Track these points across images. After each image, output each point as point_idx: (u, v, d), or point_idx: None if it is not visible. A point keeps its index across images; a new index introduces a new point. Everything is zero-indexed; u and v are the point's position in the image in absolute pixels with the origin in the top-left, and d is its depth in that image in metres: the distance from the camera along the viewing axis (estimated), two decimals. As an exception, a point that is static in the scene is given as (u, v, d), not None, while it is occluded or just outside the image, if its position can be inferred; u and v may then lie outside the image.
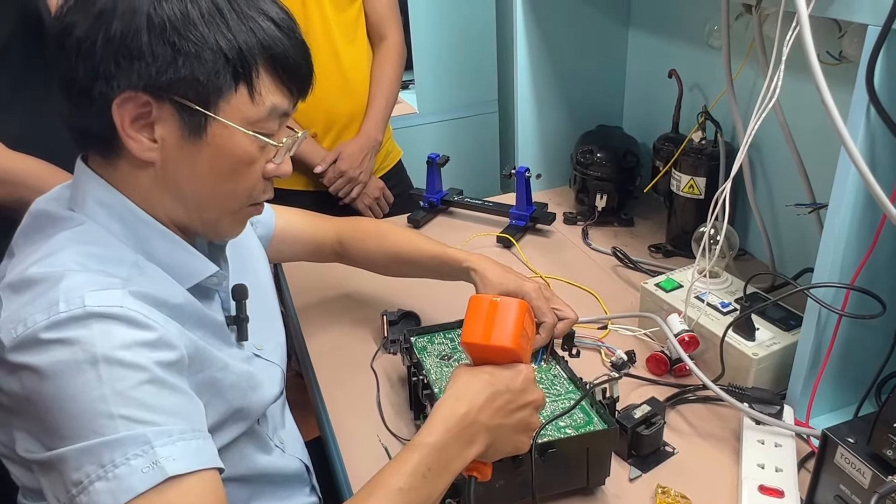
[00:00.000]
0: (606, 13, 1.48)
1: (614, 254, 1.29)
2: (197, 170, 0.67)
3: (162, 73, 0.61)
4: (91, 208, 0.67)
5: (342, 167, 1.52)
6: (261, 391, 0.79)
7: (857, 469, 0.67)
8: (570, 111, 1.54)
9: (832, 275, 0.80)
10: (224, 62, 0.63)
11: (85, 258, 0.63)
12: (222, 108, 0.64)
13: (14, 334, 0.58)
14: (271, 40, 0.65)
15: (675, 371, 0.99)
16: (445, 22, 2.14)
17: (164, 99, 0.63)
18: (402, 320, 1.10)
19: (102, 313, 0.58)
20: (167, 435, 0.57)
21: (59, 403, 0.56)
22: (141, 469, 0.55)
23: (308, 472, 0.93)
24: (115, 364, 0.57)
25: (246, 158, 0.67)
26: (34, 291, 0.60)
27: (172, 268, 0.70)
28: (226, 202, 0.70)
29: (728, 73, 1.01)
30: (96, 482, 0.55)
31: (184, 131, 0.64)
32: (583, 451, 0.78)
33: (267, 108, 0.66)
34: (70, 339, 0.57)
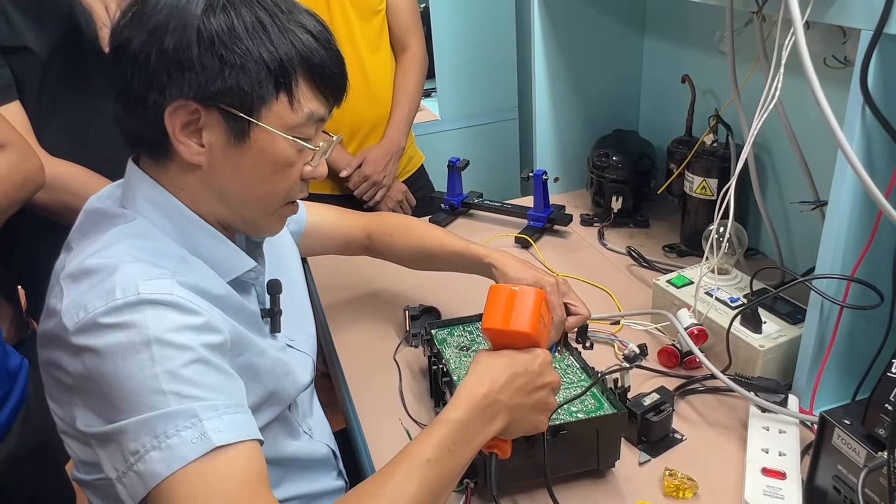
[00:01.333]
0: (622, 21, 1.53)
1: (629, 253, 1.33)
2: (240, 172, 0.72)
3: (210, 84, 0.67)
4: (142, 206, 0.73)
5: (367, 171, 1.58)
6: (293, 378, 0.84)
7: (853, 449, 0.70)
8: (587, 116, 1.59)
9: (833, 268, 0.83)
10: (266, 73, 0.68)
11: (137, 251, 0.69)
12: (264, 115, 0.69)
13: (76, 319, 0.63)
14: (309, 52, 0.70)
15: (685, 364, 1.03)
16: (466, 32, 2.20)
17: (211, 107, 0.68)
18: (423, 315, 1.16)
19: (155, 300, 0.64)
20: (213, 409, 0.62)
21: (118, 381, 0.62)
22: (191, 440, 0.60)
23: (335, 458, 0.98)
24: (165, 345, 0.62)
25: (285, 161, 0.73)
26: (92, 280, 0.66)
27: (214, 262, 0.75)
28: (265, 202, 0.76)
29: (733, 77, 1.05)
30: (151, 451, 0.60)
31: (229, 136, 0.70)
32: (593, 434, 0.82)
33: (305, 115, 0.71)
34: (126, 323, 0.62)
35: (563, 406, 0.84)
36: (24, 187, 0.96)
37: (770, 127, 0.97)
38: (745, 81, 1.08)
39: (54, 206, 1.09)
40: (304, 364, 0.89)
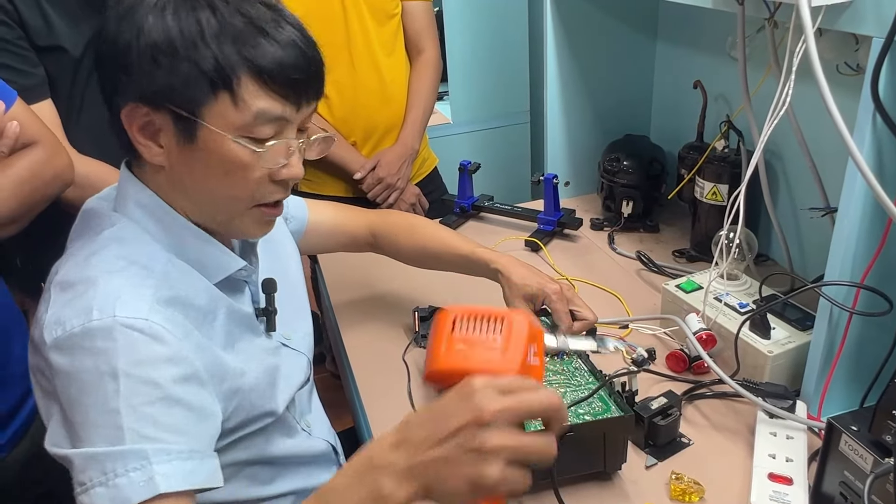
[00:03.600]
0: (635, 27, 1.53)
1: (639, 258, 1.34)
2: (196, 173, 0.72)
3: (149, 86, 0.67)
4: (131, 209, 0.74)
5: (380, 174, 1.59)
6: (285, 381, 0.84)
7: (860, 455, 0.71)
8: (599, 121, 1.59)
9: (843, 274, 0.83)
10: (198, 72, 0.66)
11: (122, 259, 0.70)
12: (207, 115, 0.68)
13: (54, 335, 0.64)
14: (251, 47, 0.67)
15: (693, 368, 1.03)
16: (479, 37, 2.21)
17: (160, 108, 0.68)
18: (432, 316, 1.16)
19: (129, 325, 0.64)
20: (166, 453, 0.63)
21: (80, 407, 0.63)
22: (138, 482, 0.61)
23: (336, 453, 0.98)
24: (132, 379, 0.63)
25: (237, 162, 0.70)
26: (74, 292, 0.67)
27: (202, 264, 0.76)
28: (229, 204, 0.74)
29: (744, 83, 1.06)
30: (98, 486, 0.61)
31: (179, 137, 0.69)
32: (600, 436, 0.83)
33: (252, 114, 0.68)
34: (97, 349, 0.63)
35: (570, 408, 0.84)
36: (54, 184, 0.98)
37: (781, 133, 0.97)
38: (756, 88, 1.08)
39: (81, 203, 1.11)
40: (299, 364, 0.90)
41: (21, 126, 0.91)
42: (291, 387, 0.86)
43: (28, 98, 1.09)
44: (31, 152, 0.94)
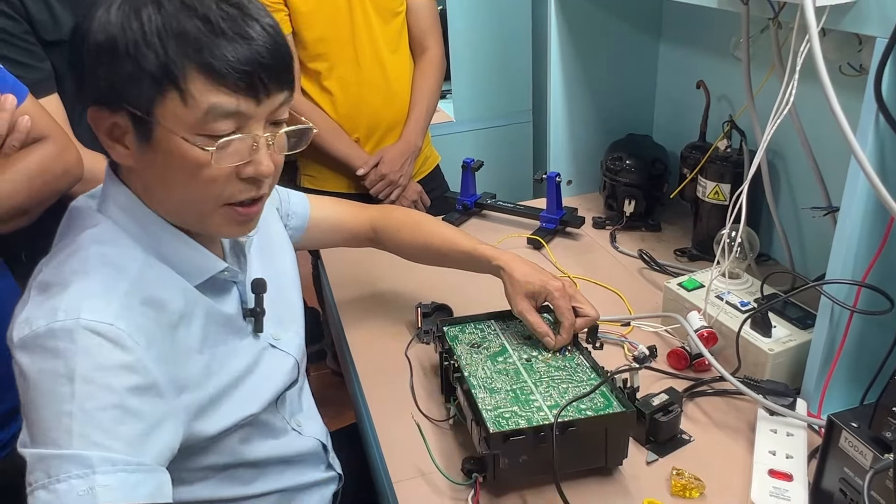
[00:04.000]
0: (638, 27, 1.54)
1: (640, 256, 1.34)
2: (159, 175, 0.71)
3: (98, 87, 0.67)
4: (112, 210, 0.74)
5: (383, 170, 1.60)
6: (268, 383, 0.84)
7: (860, 452, 0.71)
8: (601, 120, 1.60)
9: (844, 273, 0.84)
10: (138, 70, 0.64)
11: (97, 259, 0.69)
12: (159, 114, 0.66)
13: (21, 333, 0.64)
14: (196, 42, 0.64)
15: (694, 366, 1.03)
16: (483, 35, 2.22)
17: (117, 109, 0.67)
18: (435, 312, 1.17)
19: (92, 328, 0.63)
20: (111, 463, 0.61)
21: (35, 407, 0.63)
22: (78, 490, 0.60)
23: (325, 451, 0.98)
24: (89, 383, 0.62)
25: (194, 162, 0.68)
26: (51, 291, 0.67)
27: (181, 266, 0.75)
28: (196, 205, 0.72)
29: (748, 83, 1.06)
30: (39, 490, 0.60)
31: (138, 138, 0.68)
32: (601, 431, 0.83)
33: (203, 111, 0.66)
34: (57, 351, 0.62)
35: (572, 403, 0.85)
36: (64, 178, 0.99)
37: (783, 133, 0.98)
38: (759, 87, 1.09)
39: None
40: (285, 365, 0.88)
41: (32, 121, 0.92)
42: (276, 388, 0.85)
43: (35, 92, 1.09)
44: (41, 147, 0.95)
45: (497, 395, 0.89)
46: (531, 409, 0.86)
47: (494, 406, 0.87)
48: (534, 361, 0.95)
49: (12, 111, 0.89)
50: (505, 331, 1.03)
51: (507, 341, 1.00)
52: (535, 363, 0.95)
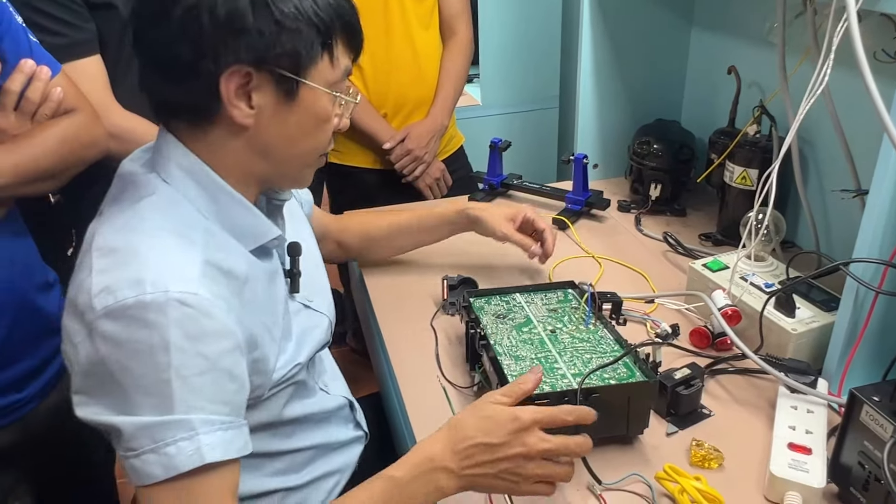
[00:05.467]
0: (671, 11, 1.54)
1: (665, 239, 1.35)
2: (286, 130, 0.75)
3: (269, 49, 0.69)
4: (174, 173, 0.74)
5: (409, 146, 1.62)
6: (309, 341, 0.87)
7: (881, 425, 0.72)
8: (630, 105, 1.61)
9: (871, 254, 0.85)
10: (316, 33, 0.71)
11: (163, 229, 0.71)
12: (311, 74, 0.73)
13: (105, 303, 0.65)
14: (342, 9, 0.74)
15: (717, 345, 1.04)
16: (512, 20, 2.22)
17: (263, 70, 0.70)
18: (461, 285, 1.19)
19: (181, 300, 0.66)
20: (210, 424, 0.67)
21: (131, 375, 0.65)
22: (187, 452, 0.65)
23: (352, 409, 1.02)
24: (183, 353, 0.65)
25: (326, 116, 0.77)
26: (120, 257, 0.68)
27: (240, 231, 0.77)
28: (306, 156, 0.80)
29: (782, 66, 1.07)
30: (149, 454, 0.65)
31: (279, 97, 0.72)
32: (624, 399, 0.85)
33: (342, 70, 0.76)
34: (152, 322, 0.65)
35: (595, 372, 0.87)
36: (91, 148, 1.02)
37: (813, 120, 0.98)
38: (793, 71, 1.09)
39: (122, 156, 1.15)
40: (321, 324, 0.92)
41: (64, 93, 0.95)
42: (312, 347, 0.89)
43: (79, 53, 1.13)
44: (71, 117, 0.98)
45: (522, 362, 0.91)
46: (556, 376, 0.88)
47: (519, 372, 0.89)
48: (558, 333, 0.97)
49: (46, 81, 0.93)
50: (530, 303, 1.05)
51: (531, 313, 1.02)
52: (559, 334, 0.97)
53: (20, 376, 0.96)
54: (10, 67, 0.90)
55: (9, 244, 0.93)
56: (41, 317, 0.99)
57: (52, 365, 1.02)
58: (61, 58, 1.02)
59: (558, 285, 1.09)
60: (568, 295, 1.06)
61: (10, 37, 0.91)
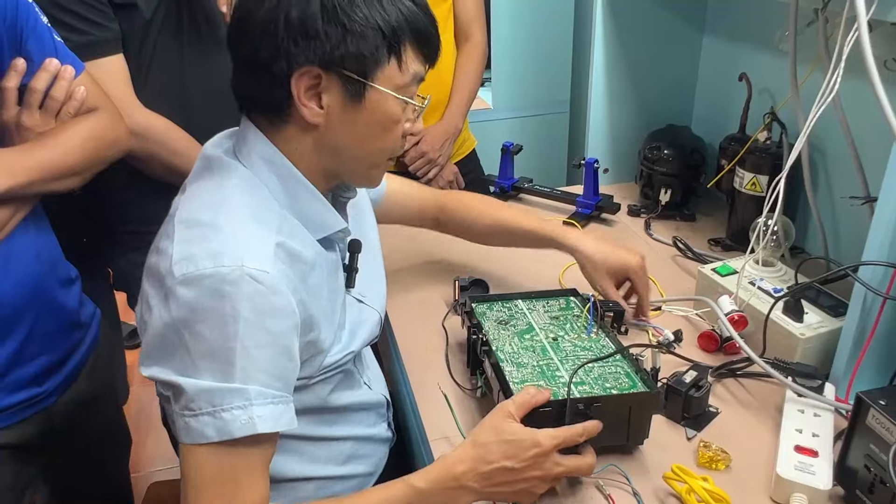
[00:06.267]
0: (683, 18, 1.55)
1: (674, 243, 1.37)
2: (354, 130, 0.78)
3: (334, 50, 0.72)
4: (255, 161, 0.79)
5: (424, 148, 1.64)
6: (360, 334, 0.90)
7: (887, 429, 0.73)
8: (641, 110, 1.62)
9: (880, 258, 0.86)
10: (382, 38, 0.73)
11: (244, 209, 0.76)
12: (378, 78, 0.75)
13: (185, 270, 0.70)
14: (413, 16, 0.75)
15: (725, 349, 1.05)
16: (525, 25, 2.24)
17: (331, 71, 0.74)
18: (472, 286, 1.21)
19: (254, 276, 0.70)
20: (264, 396, 0.71)
21: (201, 338, 0.70)
22: (241, 419, 0.70)
23: (388, 408, 1.04)
24: (251, 325, 0.70)
25: (394, 119, 0.79)
26: (203, 232, 0.73)
27: (310, 220, 0.81)
28: (374, 157, 0.82)
29: (793, 73, 1.08)
30: (205, 416, 0.70)
31: (346, 98, 0.75)
32: (625, 410, 0.85)
33: (411, 75, 0.77)
34: (226, 294, 0.69)
35: (588, 371, 0.89)
36: (114, 147, 1.04)
37: (823, 127, 0.99)
38: (805, 78, 1.10)
39: (141, 154, 1.17)
40: (371, 320, 0.95)
41: (87, 93, 0.98)
42: (364, 339, 0.92)
43: (102, 51, 1.15)
44: (94, 116, 1.00)
45: (524, 369, 0.92)
46: (557, 384, 0.88)
47: (521, 379, 0.89)
48: (560, 341, 0.98)
49: (70, 80, 0.95)
50: (532, 310, 1.05)
51: (533, 320, 1.03)
52: (561, 342, 0.97)
53: (40, 371, 0.98)
54: (35, 66, 0.92)
55: (33, 240, 0.95)
56: (63, 312, 1.01)
57: (71, 360, 1.04)
58: (84, 56, 1.04)
59: (561, 293, 1.10)
60: (570, 303, 1.07)
61: (35, 36, 0.93)
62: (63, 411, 1.03)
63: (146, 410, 2.25)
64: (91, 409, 1.09)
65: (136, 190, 1.27)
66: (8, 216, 0.89)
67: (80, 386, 1.06)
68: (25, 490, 0.99)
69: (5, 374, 0.93)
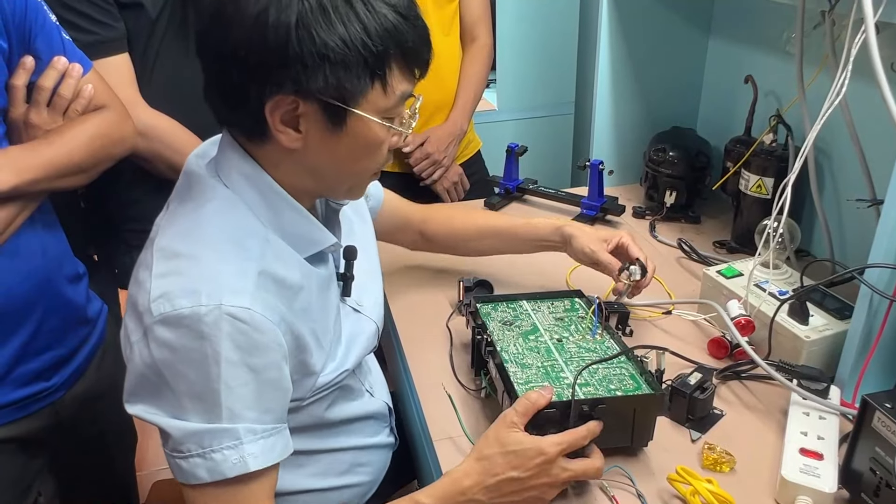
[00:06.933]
0: (689, 20, 1.55)
1: (680, 246, 1.36)
2: (336, 155, 0.74)
3: (311, 80, 0.67)
4: (235, 179, 0.76)
5: (429, 149, 1.64)
6: (357, 346, 0.89)
7: (892, 431, 0.73)
8: (646, 112, 1.62)
9: (886, 260, 0.86)
10: (364, 66, 0.68)
11: (223, 236, 0.73)
12: (360, 104, 0.70)
13: (162, 310, 0.67)
14: (399, 30, 0.69)
15: (735, 355, 1.04)
16: (530, 26, 2.24)
17: (309, 98, 0.69)
18: (476, 287, 1.20)
19: (234, 315, 0.68)
20: (253, 433, 0.70)
21: (183, 380, 0.68)
22: (231, 460, 0.69)
23: (390, 415, 1.04)
24: (233, 365, 0.68)
25: (378, 142, 0.75)
26: (179, 264, 0.70)
27: (297, 238, 0.78)
28: (358, 177, 0.80)
29: (800, 76, 1.08)
30: (196, 458, 0.69)
31: (326, 125, 0.71)
32: (630, 412, 0.85)
33: (397, 97, 0.72)
34: (204, 334, 0.67)
35: (592, 372, 0.89)
36: (120, 145, 1.04)
37: (829, 130, 0.99)
38: (811, 80, 1.10)
39: (147, 154, 1.18)
40: (368, 330, 0.93)
41: (94, 91, 0.98)
42: (360, 352, 0.90)
43: (108, 51, 1.16)
44: (101, 114, 1.01)
45: (528, 370, 0.91)
46: (561, 385, 0.88)
47: (525, 380, 0.89)
48: (565, 342, 0.97)
49: (78, 78, 0.96)
50: (536, 311, 1.05)
51: (538, 321, 1.03)
52: (566, 343, 0.97)
53: (47, 366, 0.98)
54: (43, 64, 0.93)
55: (41, 236, 0.95)
56: (70, 308, 1.01)
57: (78, 355, 1.04)
58: (90, 55, 1.04)
59: (565, 294, 1.10)
60: (575, 304, 1.07)
61: (44, 35, 0.94)
62: (70, 406, 1.04)
63: (150, 409, 2.25)
64: (97, 404, 1.09)
65: (140, 188, 1.27)
66: (15, 213, 0.89)
67: (87, 381, 1.07)
68: (32, 483, 1.00)
69: (13, 369, 0.94)
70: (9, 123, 0.93)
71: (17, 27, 0.90)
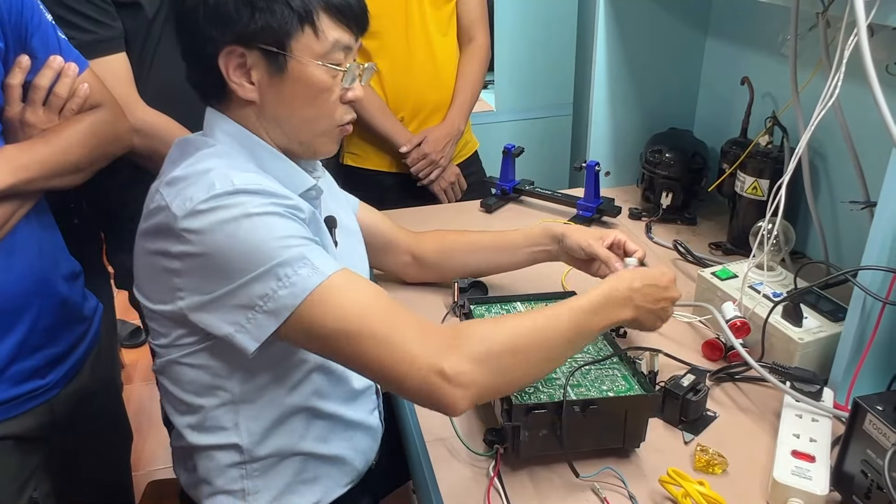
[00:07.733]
0: (686, 21, 1.55)
1: (675, 247, 1.36)
2: (286, 101, 0.84)
3: (247, 27, 0.79)
4: (219, 136, 0.86)
5: (426, 150, 1.64)
6: None
7: (884, 434, 0.73)
8: (643, 113, 1.62)
9: (879, 263, 0.86)
10: (290, 10, 0.79)
11: (225, 162, 0.81)
12: (295, 48, 0.81)
13: (185, 207, 0.75)
14: None
15: (729, 357, 1.04)
16: (528, 27, 2.25)
17: (252, 47, 0.80)
18: (471, 288, 1.21)
19: (247, 189, 0.76)
20: (313, 249, 0.77)
21: (231, 248, 0.74)
22: (308, 275, 0.75)
23: (377, 396, 1.03)
24: (262, 216, 0.76)
25: (322, 86, 0.84)
26: (189, 180, 0.78)
27: (282, 179, 0.85)
28: (315, 124, 0.87)
29: (794, 78, 1.08)
30: (280, 290, 0.74)
31: (270, 71, 0.82)
32: (622, 412, 0.85)
33: (330, 43, 0.82)
34: (226, 204, 0.75)
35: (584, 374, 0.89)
36: (116, 143, 1.05)
37: (824, 132, 1.00)
38: (806, 83, 1.10)
39: (144, 151, 1.18)
40: None
41: (90, 90, 0.99)
42: None
43: (105, 50, 1.16)
44: (97, 112, 1.01)
45: None
46: (554, 386, 0.88)
47: None
48: None
49: (74, 77, 0.96)
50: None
51: (531, 323, 1.03)
52: None
53: (43, 363, 0.99)
54: (39, 63, 0.93)
55: (37, 235, 0.95)
56: (66, 306, 1.01)
57: (74, 353, 1.04)
58: (88, 54, 1.05)
59: (559, 296, 1.09)
60: None
61: (39, 34, 0.94)
62: (65, 404, 1.04)
63: (147, 409, 2.26)
64: (93, 402, 1.09)
65: (137, 187, 1.27)
66: (10, 212, 0.89)
67: (83, 379, 1.07)
68: (28, 481, 1.00)
69: (8, 367, 0.94)
70: (5, 122, 0.93)
71: (14, 26, 0.90)
